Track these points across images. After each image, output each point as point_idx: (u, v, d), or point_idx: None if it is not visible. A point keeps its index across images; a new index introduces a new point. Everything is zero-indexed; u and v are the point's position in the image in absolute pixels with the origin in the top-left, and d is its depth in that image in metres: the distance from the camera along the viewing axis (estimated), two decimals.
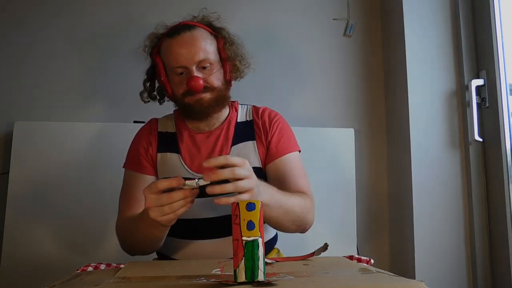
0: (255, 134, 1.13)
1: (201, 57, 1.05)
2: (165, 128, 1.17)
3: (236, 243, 0.52)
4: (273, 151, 1.10)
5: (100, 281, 0.57)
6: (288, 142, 1.13)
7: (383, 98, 1.92)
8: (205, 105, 1.07)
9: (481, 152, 1.62)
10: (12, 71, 1.77)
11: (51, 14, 1.82)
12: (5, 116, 1.73)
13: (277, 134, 1.12)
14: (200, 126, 1.14)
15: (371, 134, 1.89)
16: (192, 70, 1.05)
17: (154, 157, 1.12)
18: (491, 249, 1.57)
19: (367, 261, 0.80)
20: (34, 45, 1.79)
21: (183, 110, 1.12)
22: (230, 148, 1.11)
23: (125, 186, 1.11)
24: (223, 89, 1.11)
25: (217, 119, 1.15)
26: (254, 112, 1.18)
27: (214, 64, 1.08)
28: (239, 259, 0.51)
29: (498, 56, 1.55)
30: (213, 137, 1.13)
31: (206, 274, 0.60)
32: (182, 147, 1.12)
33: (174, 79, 1.09)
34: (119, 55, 1.82)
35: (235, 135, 1.13)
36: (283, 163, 1.09)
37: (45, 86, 1.78)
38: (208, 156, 1.10)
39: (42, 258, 1.57)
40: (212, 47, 1.09)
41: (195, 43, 1.05)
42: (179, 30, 1.08)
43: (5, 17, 1.79)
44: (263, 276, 0.51)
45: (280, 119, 1.17)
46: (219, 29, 1.14)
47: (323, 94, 1.89)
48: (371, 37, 1.94)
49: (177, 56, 1.05)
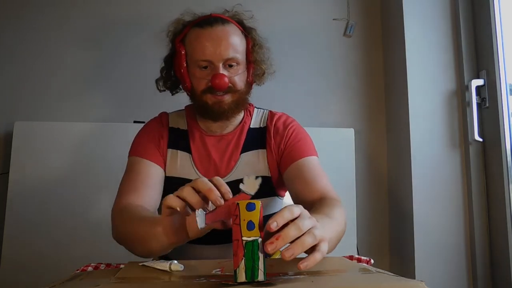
0: (266, 143, 1.07)
1: (230, 54, 0.99)
2: (177, 124, 1.11)
3: (236, 243, 0.51)
4: (291, 154, 1.03)
5: (100, 281, 0.57)
6: (308, 146, 1.06)
7: (383, 98, 1.92)
8: (225, 108, 1.02)
9: (481, 152, 1.62)
10: (12, 71, 1.78)
11: (51, 14, 1.82)
12: (5, 116, 1.73)
13: (294, 138, 1.06)
14: (212, 128, 1.09)
15: (371, 134, 1.89)
16: (218, 67, 0.99)
17: (164, 151, 1.06)
18: (491, 249, 1.57)
19: (367, 261, 0.80)
20: (34, 45, 1.79)
21: (199, 108, 1.06)
22: (239, 156, 1.06)
23: (129, 171, 1.02)
24: (245, 92, 1.06)
25: (231, 123, 1.09)
26: (269, 118, 1.12)
27: (240, 65, 1.03)
28: (239, 259, 0.51)
29: (498, 56, 1.55)
30: (224, 142, 1.08)
31: (206, 274, 0.60)
32: (193, 147, 1.07)
33: (195, 73, 1.02)
34: (119, 55, 1.82)
35: (246, 142, 1.08)
36: (304, 164, 1.01)
37: (45, 86, 1.78)
38: (218, 161, 1.06)
39: (42, 258, 1.57)
40: (242, 46, 1.04)
41: (227, 38, 0.99)
42: (211, 21, 1.01)
43: (5, 17, 1.79)
44: (263, 276, 0.51)
45: (296, 125, 1.11)
46: (250, 29, 1.08)
47: (323, 94, 1.89)
48: (371, 37, 1.94)
49: (204, 48, 0.98)
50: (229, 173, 1.05)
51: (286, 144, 1.06)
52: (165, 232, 0.70)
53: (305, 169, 1.00)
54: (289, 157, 1.03)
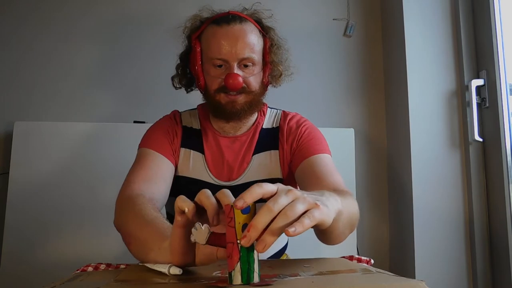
0: (278, 143, 1.05)
1: (246, 54, 0.97)
2: (189, 123, 1.09)
3: (231, 246, 0.51)
4: (303, 151, 1.01)
5: (100, 282, 0.57)
6: (320, 144, 1.03)
7: (383, 98, 1.92)
8: (238, 108, 0.99)
9: (481, 152, 1.62)
10: (12, 71, 1.78)
11: (51, 14, 1.82)
12: (5, 116, 1.73)
13: (306, 136, 1.04)
14: (225, 128, 1.07)
15: (371, 134, 1.90)
16: (232, 66, 0.96)
17: (177, 149, 1.04)
18: (491, 249, 1.57)
19: (367, 261, 0.80)
20: (34, 45, 1.79)
21: (212, 107, 1.03)
22: (251, 157, 1.04)
23: (140, 161, 0.98)
24: (259, 93, 1.03)
25: (245, 123, 1.07)
26: (282, 118, 1.10)
27: (256, 65, 1.00)
28: (234, 262, 0.50)
29: (498, 56, 1.55)
30: (238, 144, 1.06)
31: (207, 276, 0.60)
32: (207, 147, 1.05)
33: (209, 71, 1.00)
34: (120, 55, 1.82)
35: (258, 143, 1.06)
36: (315, 161, 0.98)
37: (45, 86, 1.78)
38: (231, 163, 1.04)
39: (42, 258, 1.57)
40: (259, 46, 1.01)
41: (244, 37, 0.97)
42: (228, 19, 0.98)
43: (4, 17, 1.79)
44: (258, 278, 0.51)
45: (309, 124, 1.09)
46: (268, 29, 1.06)
47: (323, 94, 1.89)
48: (371, 37, 1.94)
49: (220, 46, 0.96)
50: (241, 175, 1.04)
51: (299, 142, 1.03)
52: (171, 250, 0.61)
53: (316, 166, 0.96)
54: (300, 155, 1.01)
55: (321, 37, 1.91)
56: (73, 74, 1.80)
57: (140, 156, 1.00)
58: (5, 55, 1.78)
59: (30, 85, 1.78)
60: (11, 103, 1.75)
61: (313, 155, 0.99)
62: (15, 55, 1.78)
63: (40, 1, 1.81)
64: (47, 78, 1.78)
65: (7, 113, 1.74)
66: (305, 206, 0.52)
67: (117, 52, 1.82)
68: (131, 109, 1.76)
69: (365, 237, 1.81)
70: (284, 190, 0.53)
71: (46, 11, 1.81)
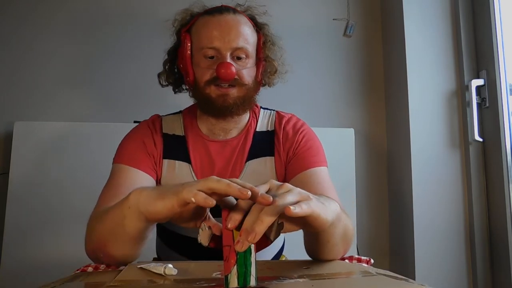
0: (274, 149, 0.98)
1: (240, 44, 0.91)
2: (172, 129, 1.00)
3: (227, 249, 0.51)
4: (299, 163, 0.95)
5: (100, 282, 0.57)
6: (316, 155, 0.98)
7: (383, 98, 1.92)
8: (230, 102, 0.93)
9: (481, 152, 1.62)
10: (12, 71, 1.77)
11: (50, 13, 1.82)
12: (5, 116, 1.73)
13: (303, 145, 0.98)
14: (215, 130, 1.00)
15: (371, 134, 1.89)
16: (225, 56, 0.90)
17: (158, 161, 0.95)
18: (491, 249, 1.57)
19: (367, 261, 0.79)
20: (34, 45, 1.79)
21: (201, 102, 0.97)
22: (244, 164, 0.97)
23: (112, 179, 0.92)
24: (252, 89, 0.97)
25: (235, 124, 1.00)
26: (277, 121, 1.03)
27: (250, 58, 0.95)
28: (230, 265, 0.50)
29: (498, 56, 1.55)
30: (229, 149, 0.98)
31: (207, 277, 0.60)
32: (193, 155, 0.97)
33: (200, 63, 0.93)
34: (120, 55, 1.82)
35: (252, 148, 0.98)
36: (310, 175, 0.93)
37: (45, 86, 1.78)
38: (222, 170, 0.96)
39: (42, 258, 1.57)
40: (253, 39, 0.96)
41: (237, 27, 0.92)
42: (221, 9, 0.94)
43: (4, 17, 1.79)
44: (255, 281, 0.51)
45: (307, 130, 1.02)
46: (262, 25, 1.01)
47: (323, 94, 1.89)
48: (371, 37, 1.94)
49: (212, 35, 0.90)
50: None
51: (295, 150, 0.98)
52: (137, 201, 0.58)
53: (312, 181, 0.92)
54: (297, 165, 0.96)
55: (321, 37, 1.91)
56: (73, 74, 1.80)
57: (113, 173, 0.93)
58: (5, 55, 1.78)
59: (30, 85, 1.77)
60: (11, 103, 1.75)
61: (309, 168, 0.94)
62: (15, 55, 1.78)
63: (40, 1, 1.81)
64: (47, 78, 1.78)
65: (7, 113, 1.74)
66: (296, 197, 0.51)
67: (118, 52, 1.82)
68: (131, 109, 1.75)
69: (365, 237, 1.81)
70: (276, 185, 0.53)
71: (46, 11, 1.81)
